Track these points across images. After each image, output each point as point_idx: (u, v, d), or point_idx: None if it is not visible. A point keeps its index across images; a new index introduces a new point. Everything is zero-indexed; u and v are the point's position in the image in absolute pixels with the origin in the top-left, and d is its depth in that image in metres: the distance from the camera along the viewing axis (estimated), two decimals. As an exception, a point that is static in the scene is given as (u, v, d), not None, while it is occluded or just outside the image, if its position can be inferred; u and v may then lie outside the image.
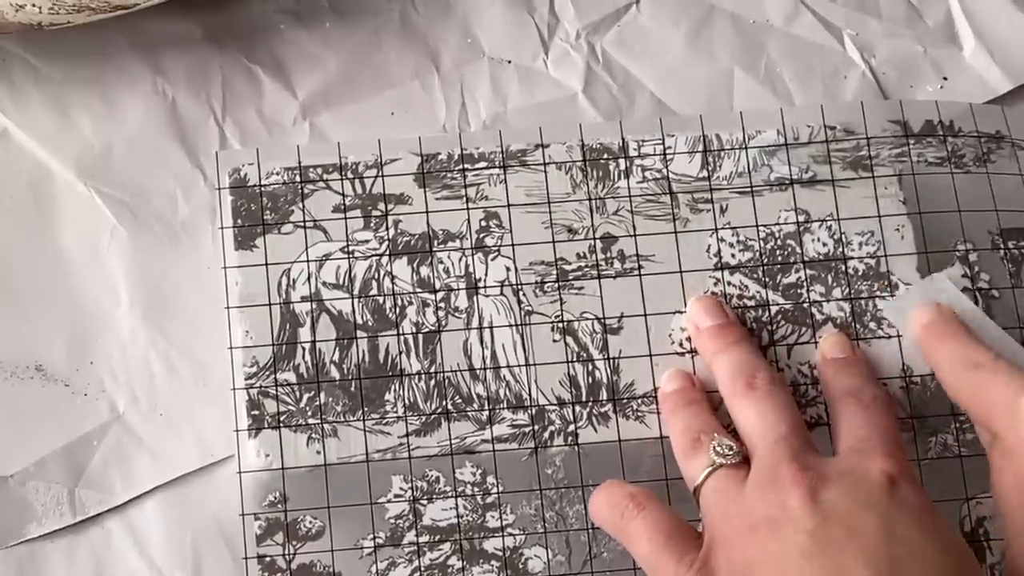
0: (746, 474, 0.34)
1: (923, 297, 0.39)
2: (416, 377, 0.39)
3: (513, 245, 0.40)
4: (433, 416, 0.39)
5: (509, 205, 0.41)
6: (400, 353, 0.40)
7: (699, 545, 0.34)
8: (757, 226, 0.41)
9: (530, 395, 0.39)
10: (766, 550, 0.31)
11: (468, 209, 0.41)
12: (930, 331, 0.38)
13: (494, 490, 0.39)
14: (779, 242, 0.41)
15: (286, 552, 0.39)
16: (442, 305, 0.40)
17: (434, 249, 0.40)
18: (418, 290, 0.40)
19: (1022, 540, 0.33)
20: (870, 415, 0.36)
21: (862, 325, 0.40)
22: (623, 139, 0.41)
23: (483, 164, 0.41)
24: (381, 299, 0.40)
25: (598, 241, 0.41)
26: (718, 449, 0.35)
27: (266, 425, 0.39)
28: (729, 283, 0.40)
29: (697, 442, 0.36)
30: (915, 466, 0.39)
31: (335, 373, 0.39)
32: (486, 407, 0.39)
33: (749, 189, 0.41)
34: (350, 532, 0.39)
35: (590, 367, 0.40)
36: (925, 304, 0.39)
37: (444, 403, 0.39)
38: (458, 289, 0.40)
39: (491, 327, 0.40)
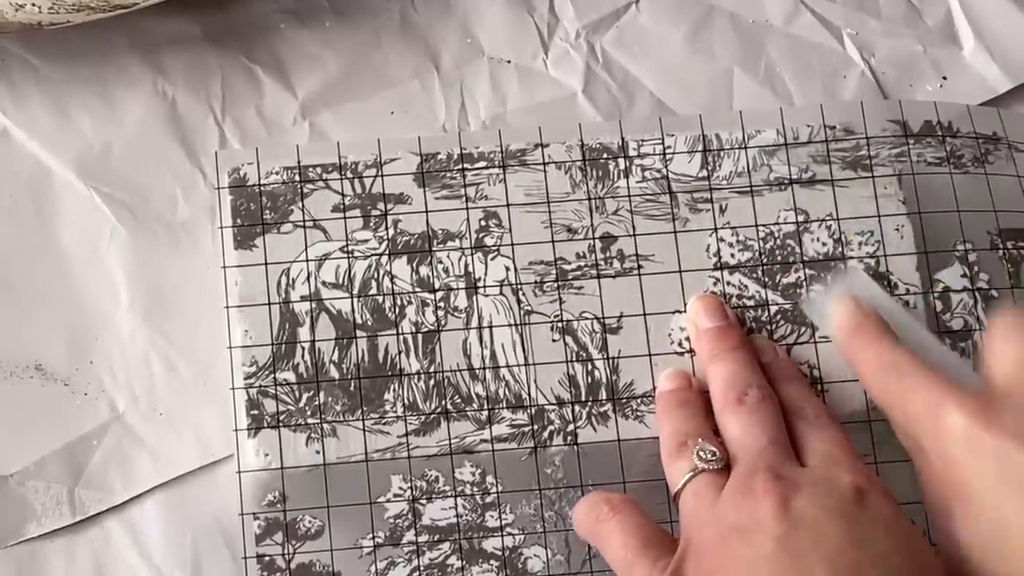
0: (726, 481, 0.34)
1: (840, 292, 0.39)
2: (415, 377, 0.40)
3: (512, 245, 0.40)
4: (432, 416, 0.39)
5: (508, 205, 0.41)
6: (399, 353, 0.40)
7: (673, 551, 0.34)
8: (756, 226, 0.41)
9: (529, 395, 0.39)
10: (735, 557, 0.32)
11: (468, 209, 0.41)
12: (849, 331, 0.37)
13: (493, 490, 0.39)
14: (779, 242, 0.41)
15: (285, 552, 0.39)
16: (441, 305, 0.40)
17: (433, 249, 0.40)
18: (417, 290, 0.40)
19: (945, 546, 0.33)
20: (824, 432, 0.36)
21: (861, 325, 0.40)
22: (623, 139, 0.41)
23: (483, 164, 0.41)
24: (380, 299, 0.40)
25: (597, 241, 0.41)
26: (701, 454, 0.35)
27: (265, 425, 0.39)
28: (728, 283, 0.40)
29: (683, 446, 0.36)
30: (913, 465, 0.39)
31: (334, 373, 0.39)
32: (485, 407, 0.39)
33: (749, 189, 0.41)
34: (349, 532, 0.39)
35: (589, 367, 0.40)
36: (843, 302, 0.38)
37: (443, 403, 0.39)
38: (457, 289, 0.40)
39: (490, 327, 0.40)
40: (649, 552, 0.34)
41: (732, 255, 0.40)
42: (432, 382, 0.39)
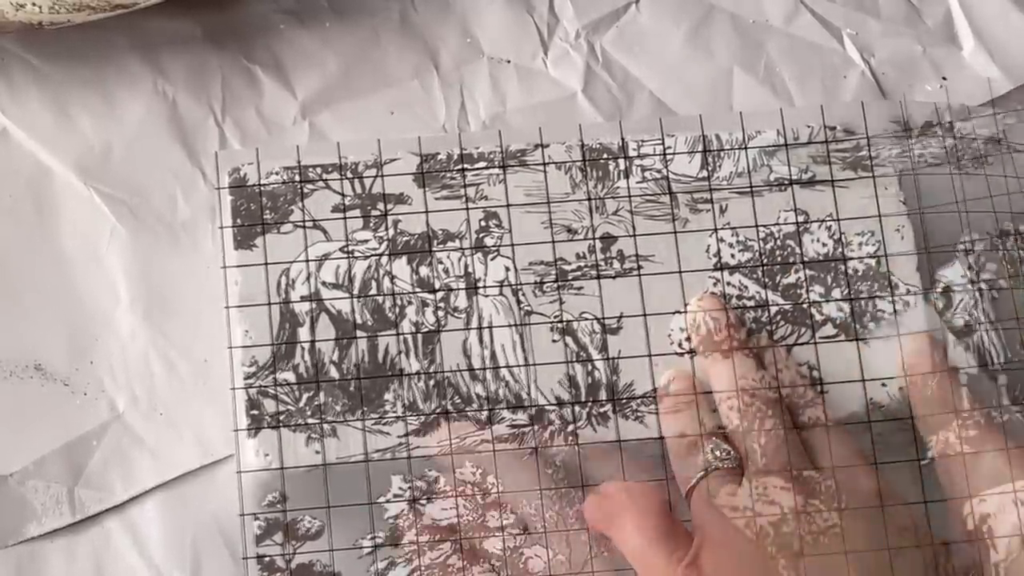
0: (740, 478, 0.35)
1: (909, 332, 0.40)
2: (415, 377, 0.39)
3: (512, 245, 0.40)
4: (432, 416, 0.39)
5: (508, 205, 0.41)
6: (399, 353, 0.40)
7: (689, 543, 0.34)
8: (757, 226, 0.41)
9: (529, 395, 0.39)
10: (754, 554, 0.32)
11: (467, 209, 0.41)
12: (926, 357, 0.39)
13: (494, 490, 0.39)
14: (779, 242, 0.41)
15: (285, 552, 0.39)
16: (441, 305, 0.40)
17: (433, 249, 0.40)
18: (417, 290, 0.40)
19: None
20: (834, 435, 0.36)
21: (861, 325, 0.40)
22: (623, 139, 0.41)
23: (482, 164, 0.41)
24: (380, 299, 0.40)
25: (597, 241, 0.41)
26: (716, 453, 0.36)
27: (265, 425, 0.39)
28: (729, 283, 0.40)
29: (694, 445, 0.36)
30: (915, 466, 0.39)
31: (334, 373, 0.39)
32: (485, 407, 0.39)
33: (749, 189, 0.41)
34: (349, 532, 0.39)
35: (589, 367, 0.40)
36: (919, 336, 0.39)
37: (443, 403, 0.39)
38: (457, 289, 0.40)
39: (490, 327, 0.40)
40: (667, 542, 0.34)
41: (732, 255, 0.40)
42: (432, 382, 0.39)
